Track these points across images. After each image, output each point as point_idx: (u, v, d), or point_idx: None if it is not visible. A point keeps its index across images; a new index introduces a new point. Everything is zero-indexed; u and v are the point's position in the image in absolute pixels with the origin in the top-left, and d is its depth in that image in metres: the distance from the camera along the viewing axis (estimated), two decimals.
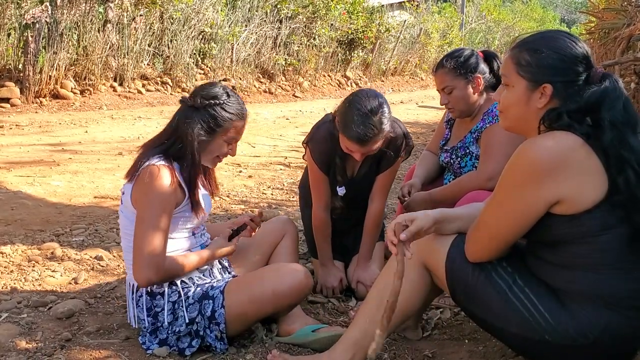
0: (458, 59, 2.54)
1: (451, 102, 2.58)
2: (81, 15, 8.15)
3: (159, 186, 1.96)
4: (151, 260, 1.95)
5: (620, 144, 1.48)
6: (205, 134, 2.06)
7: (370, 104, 2.31)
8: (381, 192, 2.69)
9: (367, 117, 2.29)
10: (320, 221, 2.70)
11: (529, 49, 1.60)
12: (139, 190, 2.00)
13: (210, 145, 2.09)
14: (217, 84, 2.14)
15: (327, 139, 2.54)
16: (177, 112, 2.12)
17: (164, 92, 9.63)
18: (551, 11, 36.63)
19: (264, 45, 11.58)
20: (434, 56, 17.74)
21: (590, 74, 1.56)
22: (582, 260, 1.54)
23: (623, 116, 1.52)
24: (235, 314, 2.03)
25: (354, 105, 2.33)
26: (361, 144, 2.33)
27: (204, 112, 2.06)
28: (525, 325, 1.60)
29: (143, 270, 1.96)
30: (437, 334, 2.31)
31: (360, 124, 2.28)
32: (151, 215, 1.96)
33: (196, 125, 2.05)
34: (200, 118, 2.06)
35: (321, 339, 2.11)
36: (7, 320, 2.23)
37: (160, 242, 1.96)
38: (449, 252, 1.73)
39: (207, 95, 2.08)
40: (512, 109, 1.65)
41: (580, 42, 1.60)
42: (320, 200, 2.68)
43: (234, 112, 2.10)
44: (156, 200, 1.97)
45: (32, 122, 6.90)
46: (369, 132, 2.29)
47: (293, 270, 2.13)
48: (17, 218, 3.51)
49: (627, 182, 1.47)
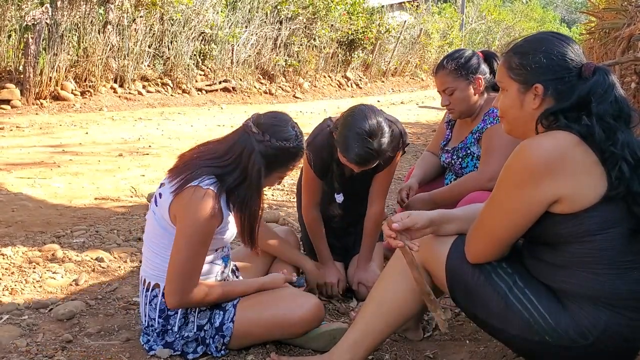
0: (459, 60, 2.54)
1: (452, 103, 2.58)
2: (81, 16, 8.17)
3: (204, 211, 1.88)
4: (183, 285, 1.94)
5: (610, 139, 1.48)
6: (265, 169, 1.99)
7: (369, 125, 2.22)
8: (380, 193, 2.67)
9: (366, 142, 2.21)
10: (311, 219, 2.68)
11: (517, 52, 1.64)
12: (180, 209, 1.92)
13: (265, 180, 2.03)
14: (288, 122, 2.03)
15: (325, 147, 2.50)
16: (241, 138, 2.00)
17: (165, 93, 9.64)
18: (551, 11, 36.63)
19: (264, 46, 11.59)
20: (434, 57, 17.76)
21: (582, 69, 1.57)
22: (581, 259, 1.54)
23: (613, 108, 1.52)
24: (243, 330, 2.04)
25: (353, 127, 2.24)
26: (360, 166, 2.31)
27: (271, 151, 1.96)
28: (525, 326, 1.60)
29: (174, 294, 1.95)
30: (438, 334, 2.31)
31: (359, 148, 2.22)
32: (191, 244, 1.92)
33: (260, 160, 1.96)
34: (265, 154, 1.96)
35: (323, 333, 2.12)
36: (8, 321, 2.24)
37: (194, 268, 1.95)
38: (449, 253, 1.73)
39: (279, 137, 1.98)
40: (509, 113, 1.67)
41: (568, 40, 1.62)
42: (310, 199, 2.66)
43: (298, 155, 2.03)
44: (198, 229, 1.90)
45: (33, 123, 6.90)
46: (369, 156, 2.24)
47: (306, 300, 2.11)
48: (17, 220, 3.52)
49: (621, 176, 1.47)
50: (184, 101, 9.69)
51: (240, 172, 1.97)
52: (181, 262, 1.93)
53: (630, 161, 1.48)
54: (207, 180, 1.92)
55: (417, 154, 6.11)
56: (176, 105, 9.34)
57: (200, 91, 10.25)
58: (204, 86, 10.36)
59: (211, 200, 1.89)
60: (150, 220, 2.08)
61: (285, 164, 2.03)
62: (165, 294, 1.98)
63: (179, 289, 1.95)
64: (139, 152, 5.80)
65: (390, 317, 1.85)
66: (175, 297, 1.96)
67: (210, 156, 2.00)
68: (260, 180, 1.98)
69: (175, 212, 1.94)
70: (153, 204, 2.06)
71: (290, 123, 2.03)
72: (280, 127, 2.00)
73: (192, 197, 1.89)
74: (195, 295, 1.97)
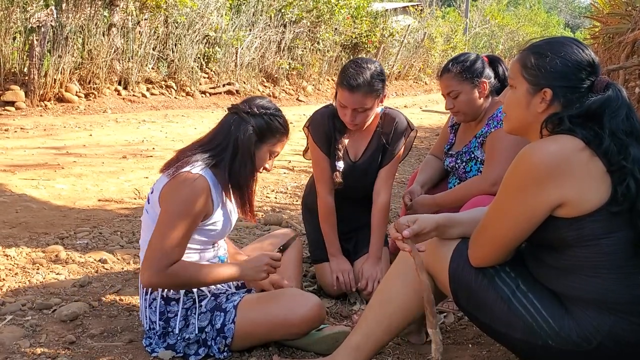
0: (464, 64, 2.55)
1: (457, 107, 2.59)
2: (86, 19, 8.19)
3: (189, 193, 1.95)
4: (156, 261, 1.93)
5: (622, 153, 1.48)
6: (256, 138, 2.07)
7: (366, 60, 2.58)
8: (386, 184, 2.73)
9: (360, 67, 2.51)
10: (326, 205, 2.71)
11: (535, 53, 1.62)
12: (168, 191, 1.97)
13: (257, 152, 2.09)
14: (266, 98, 2.19)
15: (325, 117, 2.70)
16: (228, 117, 2.12)
17: (168, 95, 9.67)
18: (555, 16, 36.64)
19: (268, 50, 11.61)
20: (437, 60, 17.77)
21: (595, 83, 1.57)
22: (584, 264, 1.54)
23: (625, 125, 1.52)
24: (244, 332, 2.04)
25: (352, 59, 2.60)
26: (350, 90, 2.47)
27: (258, 118, 2.08)
28: (528, 331, 1.59)
29: (145, 270, 1.94)
30: (441, 338, 2.30)
31: (352, 70, 2.50)
32: (171, 218, 1.94)
33: (250, 127, 2.06)
34: (254, 122, 2.07)
35: (326, 337, 2.12)
36: (11, 322, 2.24)
37: (171, 245, 1.93)
38: (452, 257, 1.73)
39: (262, 105, 2.11)
40: (513, 111, 1.67)
41: (587, 50, 1.60)
42: (324, 183, 2.71)
43: (284, 125, 2.14)
44: (182, 204, 1.95)
45: (37, 125, 6.92)
46: (359, 77, 2.46)
47: (308, 300, 2.10)
48: (21, 221, 3.53)
49: (627, 192, 1.47)
50: (188, 104, 9.71)
51: (233, 146, 2.05)
52: (158, 238, 1.93)
53: (639, 178, 1.48)
54: (199, 167, 1.99)
55: (421, 158, 6.12)
56: (180, 108, 9.36)
57: (204, 94, 10.27)
58: (208, 89, 10.38)
59: (200, 183, 1.96)
60: (144, 221, 2.11)
61: (272, 132, 2.10)
62: (140, 272, 1.97)
63: (152, 266, 1.92)
64: (143, 154, 5.81)
65: (393, 320, 1.84)
66: (150, 274, 1.93)
67: (200, 144, 2.10)
68: (251, 148, 2.06)
69: (163, 195, 1.98)
70: (146, 204, 2.11)
71: (269, 100, 2.19)
72: (263, 99, 2.16)
73: (182, 181, 1.95)
74: (172, 274, 1.93)
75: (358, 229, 2.83)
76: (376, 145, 2.71)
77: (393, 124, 2.71)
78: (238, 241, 3.27)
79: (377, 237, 2.71)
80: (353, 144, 2.73)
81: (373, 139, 2.72)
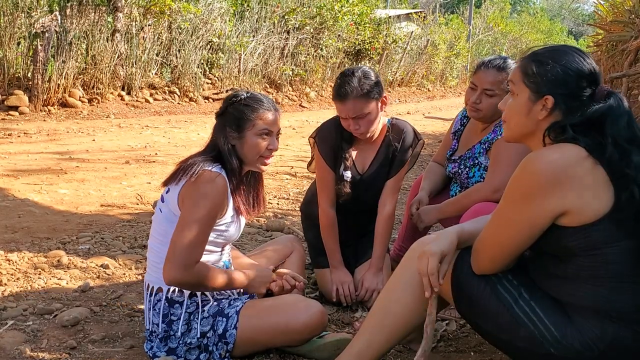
0: (509, 70, 2.47)
1: (483, 104, 2.55)
2: (90, 24, 8.23)
3: (213, 192, 1.97)
4: (183, 258, 1.93)
5: (624, 160, 1.48)
6: (235, 134, 2.08)
7: (353, 68, 2.56)
8: (392, 195, 2.72)
9: (346, 76, 2.52)
10: (327, 217, 2.70)
11: (536, 60, 1.62)
12: (190, 192, 1.98)
13: (244, 145, 2.08)
14: (239, 90, 2.22)
15: (332, 128, 2.68)
16: (214, 129, 2.16)
17: (172, 101, 9.69)
18: (558, 23, 36.69)
19: (272, 56, 11.65)
20: (440, 67, 17.81)
21: (596, 91, 1.57)
22: (587, 272, 1.53)
23: (627, 133, 1.52)
24: (246, 337, 2.04)
25: (340, 72, 2.61)
26: (341, 100, 2.49)
27: (228, 115, 2.10)
28: (530, 339, 1.59)
29: (172, 267, 1.94)
30: (443, 346, 2.30)
31: (339, 82, 2.53)
32: (195, 217, 1.95)
33: (224, 128, 2.08)
34: (227, 120, 2.09)
35: (328, 344, 2.11)
36: (12, 327, 2.24)
37: (197, 242, 1.95)
38: (455, 264, 1.72)
39: (227, 98, 2.14)
40: (514, 119, 1.67)
41: (588, 59, 1.60)
42: (326, 195, 2.69)
43: (256, 105, 2.10)
44: (207, 204, 1.96)
45: (40, 130, 6.94)
46: (346, 86, 2.48)
47: (309, 307, 2.10)
48: (23, 225, 3.53)
49: (631, 199, 1.47)
50: (191, 109, 9.73)
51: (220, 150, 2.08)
52: (184, 234, 1.93)
53: None
54: (216, 168, 2.02)
55: (424, 164, 6.11)
56: (183, 113, 9.38)
57: (207, 99, 10.30)
58: (211, 94, 10.41)
59: (221, 181, 2.00)
60: (155, 220, 2.12)
61: (243, 119, 2.07)
62: (164, 270, 1.96)
63: (179, 262, 1.93)
64: (146, 159, 5.82)
65: (395, 327, 1.83)
66: (176, 271, 1.93)
67: (198, 154, 2.12)
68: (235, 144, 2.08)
69: (184, 196, 1.99)
70: (159, 203, 2.11)
71: (245, 89, 2.25)
72: (231, 93, 2.20)
73: (204, 179, 1.97)
74: (197, 272, 1.96)
75: (360, 236, 2.83)
76: (384, 156, 2.70)
77: (401, 135, 2.69)
78: (240, 247, 3.27)
79: (380, 247, 2.71)
80: (360, 154, 2.71)
81: (380, 150, 2.71)
